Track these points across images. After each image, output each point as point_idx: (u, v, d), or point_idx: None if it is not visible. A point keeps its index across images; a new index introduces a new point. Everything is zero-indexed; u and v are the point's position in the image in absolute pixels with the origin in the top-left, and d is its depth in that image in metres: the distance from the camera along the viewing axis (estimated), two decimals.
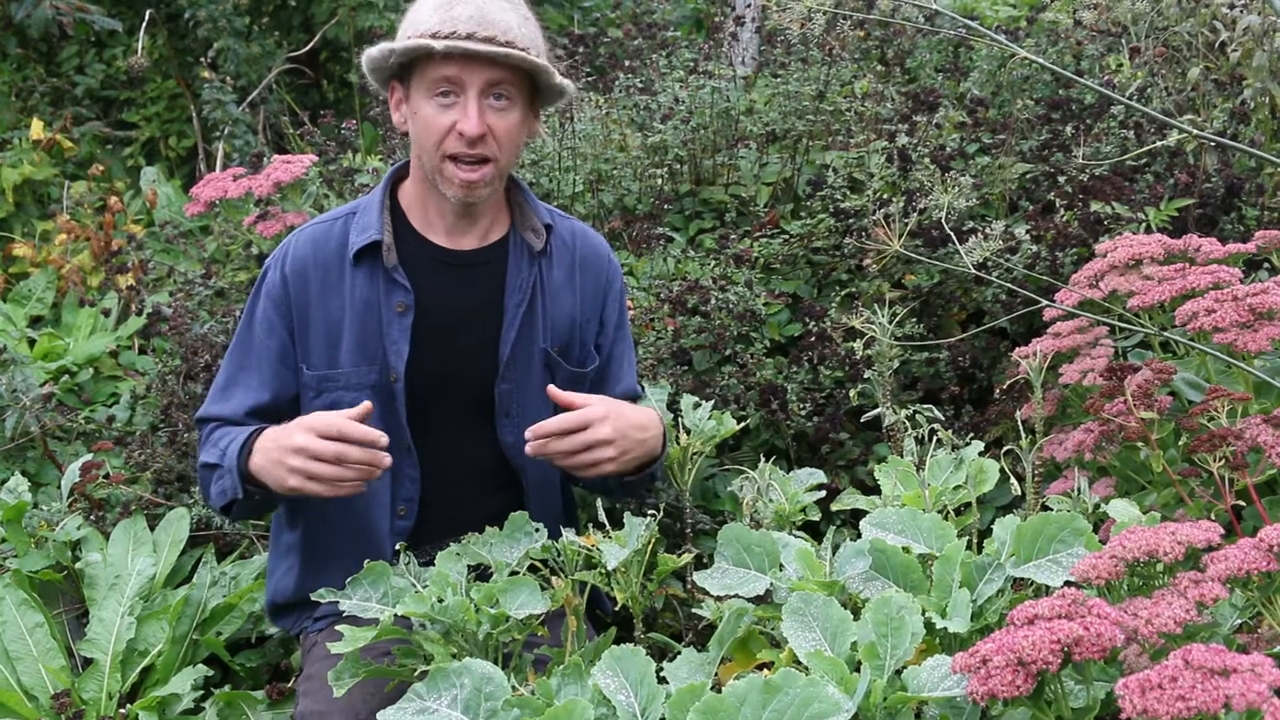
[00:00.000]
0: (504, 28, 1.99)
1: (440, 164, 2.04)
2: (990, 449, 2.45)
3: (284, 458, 1.91)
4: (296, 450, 1.89)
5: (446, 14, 1.98)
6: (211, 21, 5.28)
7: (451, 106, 2.00)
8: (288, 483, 1.91)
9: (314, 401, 2.13)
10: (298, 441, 1.90)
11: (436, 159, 2.04)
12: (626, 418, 2.03)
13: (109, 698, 2.45)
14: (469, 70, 1.98)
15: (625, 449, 2.01)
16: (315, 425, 1.90)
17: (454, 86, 1.99)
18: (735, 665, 1.73)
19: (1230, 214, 2.98)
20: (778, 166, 3.58)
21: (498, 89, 2.01)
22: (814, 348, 2.88)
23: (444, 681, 1.54)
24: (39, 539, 2.73)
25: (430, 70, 1.99)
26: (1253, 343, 2.02)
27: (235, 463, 2.00)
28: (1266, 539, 1.42)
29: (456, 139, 2.01)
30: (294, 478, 1.90)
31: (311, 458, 1.89)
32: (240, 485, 1.99)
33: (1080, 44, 3.70)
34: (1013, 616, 1.38)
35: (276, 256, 2.16)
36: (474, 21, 1.97)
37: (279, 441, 1.93)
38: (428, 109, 2.01)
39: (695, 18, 6.06)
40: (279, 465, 1.92)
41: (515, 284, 2.16)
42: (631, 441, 2.02)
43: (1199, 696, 1.16)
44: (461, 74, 1.98)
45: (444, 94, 2.00)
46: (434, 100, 2.00)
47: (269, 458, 1.94)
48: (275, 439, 1.95)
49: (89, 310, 3.98)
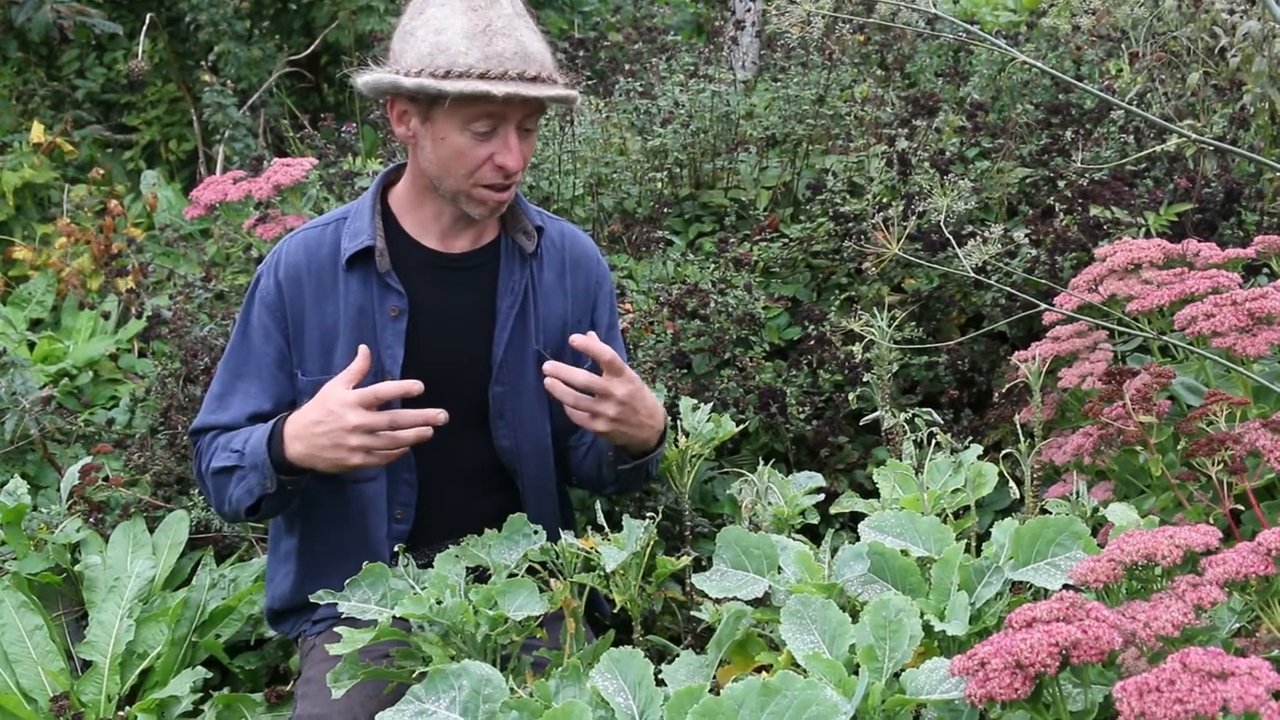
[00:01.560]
0: (541, 61, 1.99)
1: (470, 189, 2.04)
2: (989, 452, 2.46)
3: (342, 439, 1.92)
4: (353, 429, 1.91)
5: (488, 49, 1.94)
6: (212, 25, 5.28)
7: (488, 139, 1.99)
8: (350, 461, 1.94)
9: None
10: (353, 420, 1.91)
11: (466, 185, 2.03)
12: (642, 396, 2.04)
13: (108, 700, 2.45)
14: (513, 108, 1.98)
15: (624, 419, 2.01)
16: (362, 399, 1.92)
17: (495, 122, 1.98)
18: (734, 668, 1.73)
19: (1230, 219, 2.98)
20: (777, 170, 3.58)
21: (530, 122, 2.02)
22: (813, 351, 2.88)
23: (442, 683, 1.54)
24: (38, 541, 2.73)
25: (472, 106, 1.96)
26: (1251, 347, 2.02)
27: (265, 456, 1.99)
28: (1265, 543, 1.42)
29: (494, 170, 2.01)
30: (356, 455, 1.93)
31: (369, 432, 1.91)
32: (275, 477, 1.99)
33: (1080, 49, 3.70)
34: (1011, 619, 1.38)
35: (269, 263, 2.16)
36: (519, 59, 1.95)
37: (325, 425, 1.93)
38: (461, 140, 1.99)
39: (695, 22, 6.07)
40: (336, 447, 1.93)
41: (507, 286, 2.16)
42: (634, 419, 2.03)
43: (1197, 700, 1.16)
44: (505, 112, 1.98)
45: (485, 129, 1.98)
46: (468, 132, 1.98)
47: (316, 443, 1.94)
48: (316, 423, 1.94)
49: (89, 313, 3.98)
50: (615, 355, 2.00)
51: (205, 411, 2.16)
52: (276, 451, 1.99)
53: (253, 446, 2.02)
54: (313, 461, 1.96)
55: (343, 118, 5.03)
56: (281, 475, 1.99)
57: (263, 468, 2.00)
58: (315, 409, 1.96)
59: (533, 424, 2.20)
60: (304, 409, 1.99)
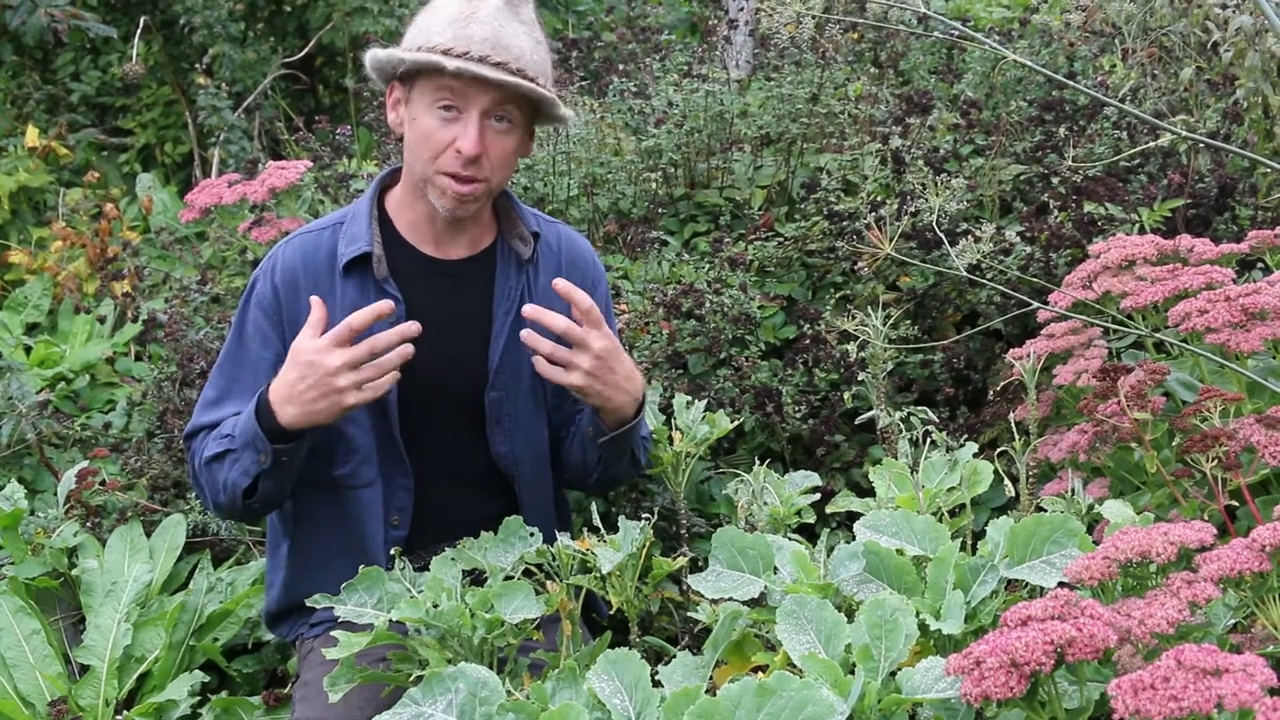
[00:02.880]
0: (516, 53, 1.98)
1: (433, 175, 2.04)
2: (985, 450, 2.45)
3: (330, 383, 1.91)
4: (336, 370, 1.90)
5: (461, 31, 1.97)
6: (206, 28, 5.28)
7: (453, 123, 1.99)
8: (346, 402, 1.92)
9: None
10: (333, 362, 1.90)
11: (430, 170, 2.03)
12: (620, 357, 2.03)
13: (106, 704, 2.45)
14: (474, 91, 1.98)
15: (599, 375, 2.00)
16: (337, 338, 1.91)
17: (458, 104, 1.99)
18: (730, 668, 1.73)
19: (1223, 214, 2.98)
20: (772, 169, 3.58)
21: (500, 111, 2.01)
22: (809, 350, 2.88)
23: (439, 686, 1.54)
24: (35, 546, 2.73)
25: (436, 84, 1.98)
26: (1245, 343, 2.02)
27: (256, 430, 1.96)
28: (1259, 539, 1.42)
29: (453, 156, 2.00)
30: (350, 395, 1.92)
31: (354, 367, 1.90)
32: (270, 449, 1.97)
33: (1073, 45, 3.70)
34: (1006, 618, 1.39)
35: (264, 268, 2.15)
36: (488, 44, 1.96)
37: (309, 377, 1.92)
38: (428, 121, 2.01)
39: (689, 21, 6.07)
40: (327, 394, 1.92)
41: (504, 292, 2.16)
42: (610, 377, 2.02)
43: (1191, 697, 1.16)
44: (467, 94, 1.98)
45: (446, 109, 1.99)
46: (435, 113, 2.00)
47: (306, 398, 1.93)
48: (300, 379, 1.93)
49: (85, 317, 3.98)
50: (594, 306, 1.99)
51: (199, 415, 2.15)
52: (269, 423, 1.96)
53: (242, 427, 2.00)
54: (310, 418, 1.94)
55: (338, 120, 5.03)
56: (277, 445, 1.97)
57: (256, 442, 1.97)
58: (292, 369, 1.94)
59: (529, 429, 2.20)
60: (281, 373, 1.97)
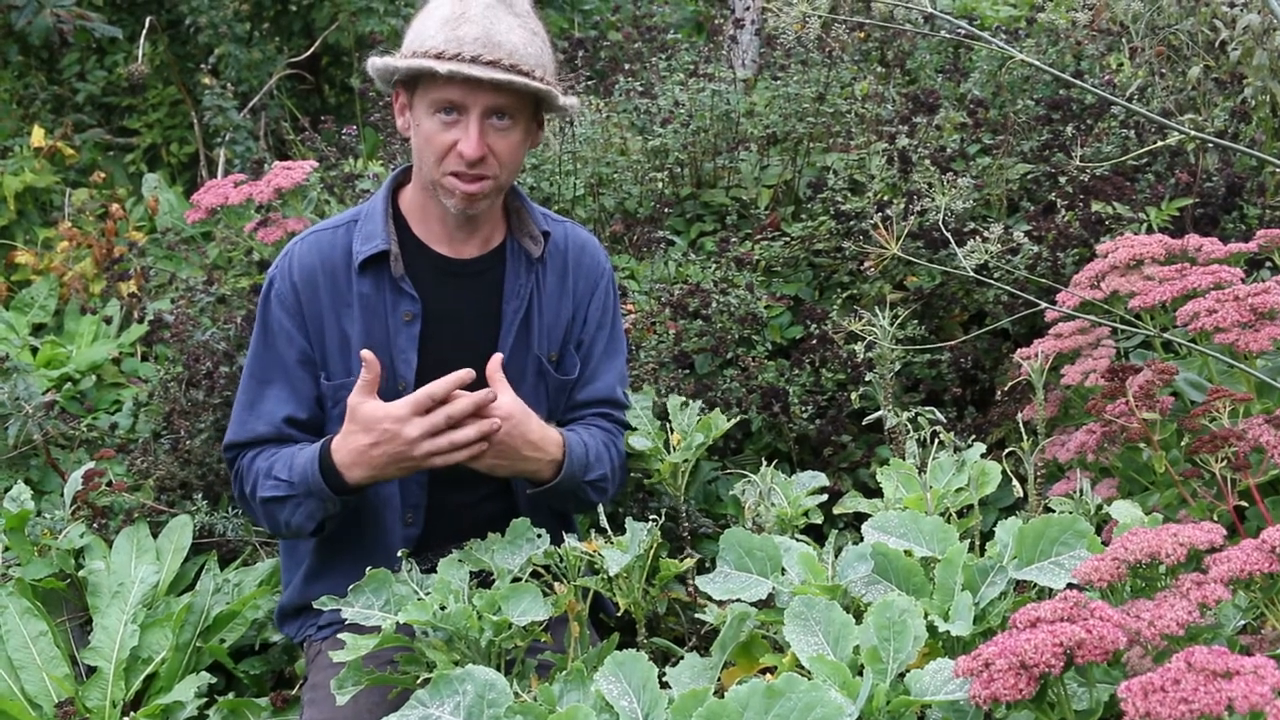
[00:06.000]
0: (509, 49, 1.98)
1: (441, 178, 2.04)
2: (992, 451, 2.45)
3: (408, 451, 1.91)
4: (415, 441, 1.90)
5: (453, 32, 1.96)
6: (212, 28, 5.28)
7: (453, 125, 2.00)
8: (424, 465, 1.94)
9: (330, 411, 2.13)
10: (411, 433, 1.90)
11: (437, 173, 2.04)
12: (524, 428, 2.01)
13: (113, 706, 2.46)
14: (471, 93, 1.97)
15: (499, 455, 1.99)
16: (416, 406, 1.90)
17: (457, 106, 1.99)
18: (738, 670, 1.73)
19: (1232, 213, 2.97)
20: (778, 169, 3.58)
21: (500, 109, 2.01)
22: (816, 350, 2.87)
23: (447, 688, 1.54)
24: (42, 547, 2.74)
25: (434, 89, 1.98)
26: (1254, 343, 2.01)
27: (322, 486, 1.98)
28: (1269, 540, 1.42)
29: (457, 159, 2.01)
30: (429, 461, 1.93)
31: (432, 435, 1.90)
32: (337, 500, 2.00)
33: (1080, 44, 3.69)
34: (1015, 619, 1.38)
35: (281, 267, 2.15)
36: (479, 43, 1.96)
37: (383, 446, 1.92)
38: (430, 125, 2.01)
39: (695, 21, 6.06)
40: (401, 461, 1.93)
41: (513, 291, 2.16)
42: (512, 454, 2.00)
43: (1202, 699, 1.15)
44: (464, 97, 1.98)
45: (446, 111, 1.99)
46: (436, 117, 2.00)
47: (378, 463, 1.94)
48: (372, 445, 1.93)
49: (91, 318, 3.98)
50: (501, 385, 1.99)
51: (236, 424, 2.15)
52: (335, 482, 1.98)
53: (300, 474, 2.01)
54: (381, 478, 1.98)
55: (343, 120, 5.03)
56: (343, 496, 2.00)
57: (320, 494, 1.99)
58: (362, 433, 1.93)
59: None
60: (346, 435, 1.96)
